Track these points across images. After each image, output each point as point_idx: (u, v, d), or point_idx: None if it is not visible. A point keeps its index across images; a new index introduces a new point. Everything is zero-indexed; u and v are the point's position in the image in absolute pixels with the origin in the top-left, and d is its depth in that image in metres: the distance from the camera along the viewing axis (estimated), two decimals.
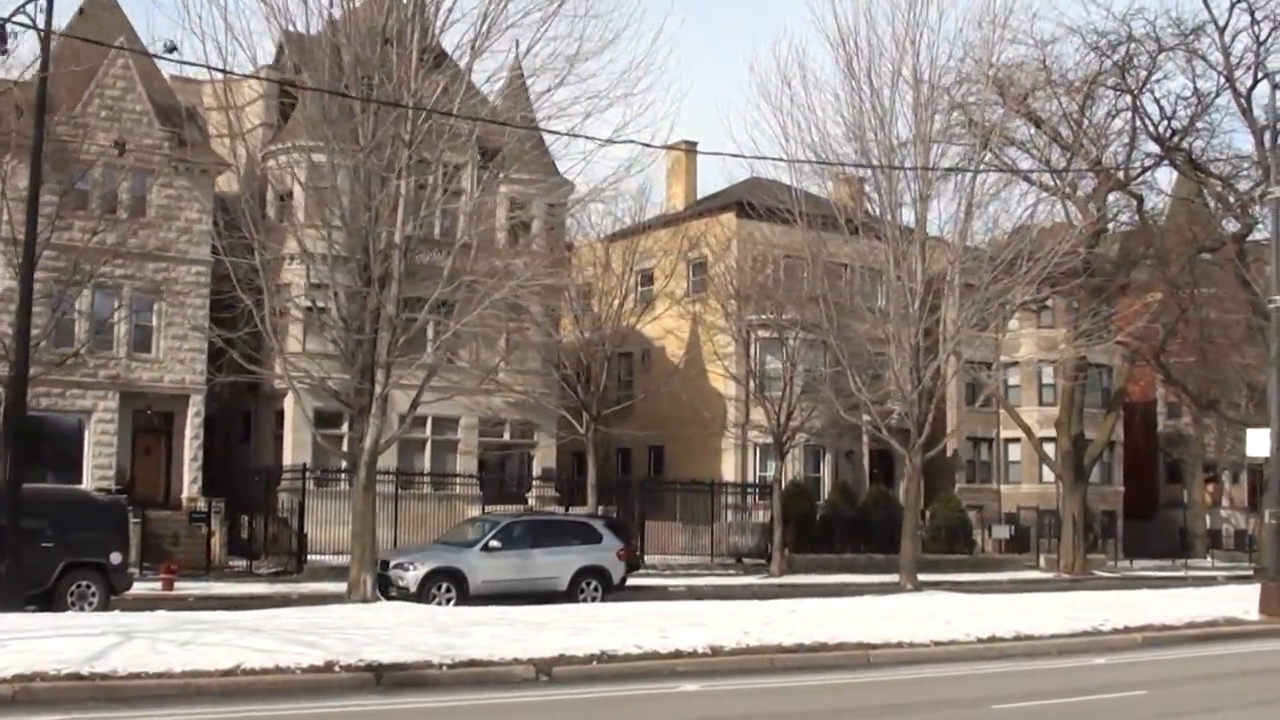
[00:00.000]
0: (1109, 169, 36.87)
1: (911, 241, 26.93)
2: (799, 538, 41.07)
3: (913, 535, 29.43)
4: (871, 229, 29.02)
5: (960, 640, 18.52)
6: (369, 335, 22.64)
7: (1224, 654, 19.02)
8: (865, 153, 26.82)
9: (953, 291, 26.98)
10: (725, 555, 40.85)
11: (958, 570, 41.94)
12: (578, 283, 39.34)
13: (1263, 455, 24.30)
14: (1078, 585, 37.35)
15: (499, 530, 25.12)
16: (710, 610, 20.88)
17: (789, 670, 16.27)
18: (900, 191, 27.09)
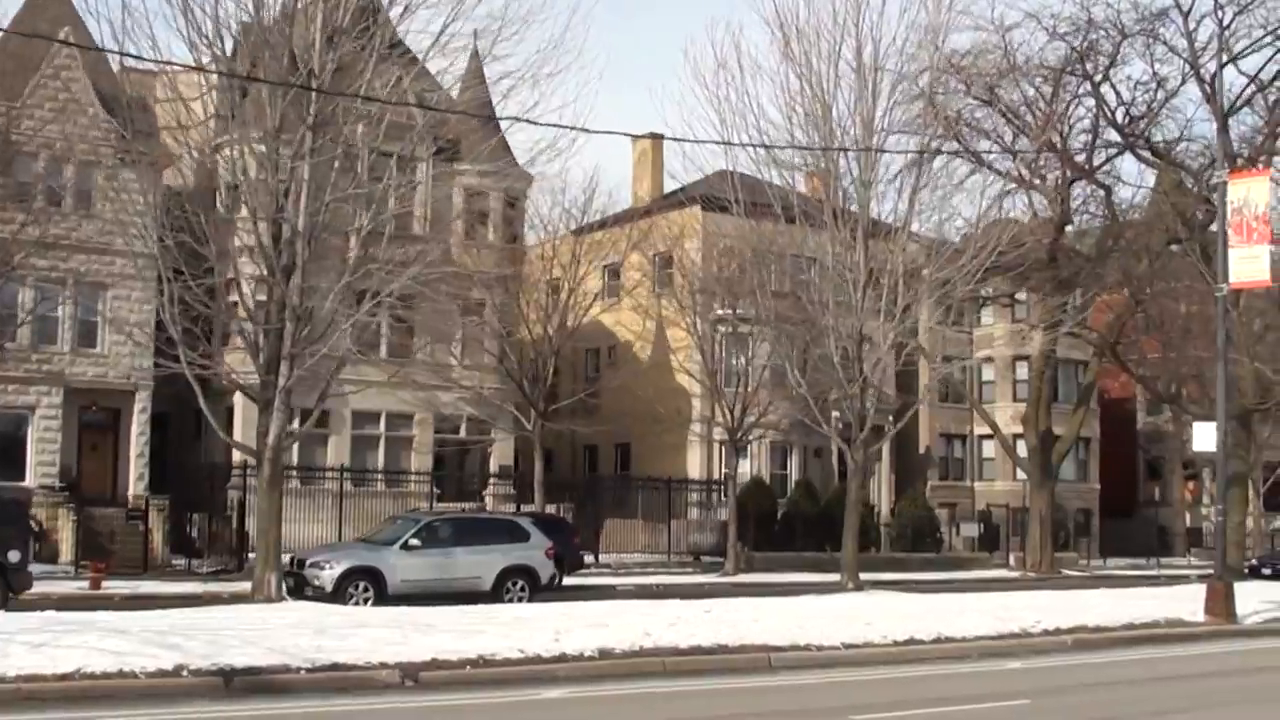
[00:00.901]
0: (1064, 152, 35.85)
1: (854, 229, 26.05)
2: (760, 535, 40.22)
3: (854, 533, 28.51)
4: (821, 220, 28.15)
5: (875, 642, 17.66)
6: (275, 326, 21.76)
7: (1151, 657, 18.15)
8: (809, 138, 25.92)
9: (895, 281, 26.06)
10: (685, 553, 40.00)
11: (924, 569, 41.07)
12: (531, 278, 38.36)
13: (1209, 450, 23.41)
14: (1043, 584, 36.43)
15: (420, 528, 24.26)
16: (622, 611, 20.02)
17: (680, 674, 15.42)
18: (843, 177, 26.20)
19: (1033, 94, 35.42)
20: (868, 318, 26.03)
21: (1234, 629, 21.52)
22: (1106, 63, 34.35)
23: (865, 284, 25.97)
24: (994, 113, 36.80)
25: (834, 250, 26.69)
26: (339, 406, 39.98)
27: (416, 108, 24.87)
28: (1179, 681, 15.92)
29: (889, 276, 25.85)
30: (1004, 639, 18.70)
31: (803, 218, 27.43)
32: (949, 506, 49.51)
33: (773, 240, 30.14)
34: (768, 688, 14.76)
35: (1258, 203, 22.00)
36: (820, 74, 25.57)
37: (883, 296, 25.88)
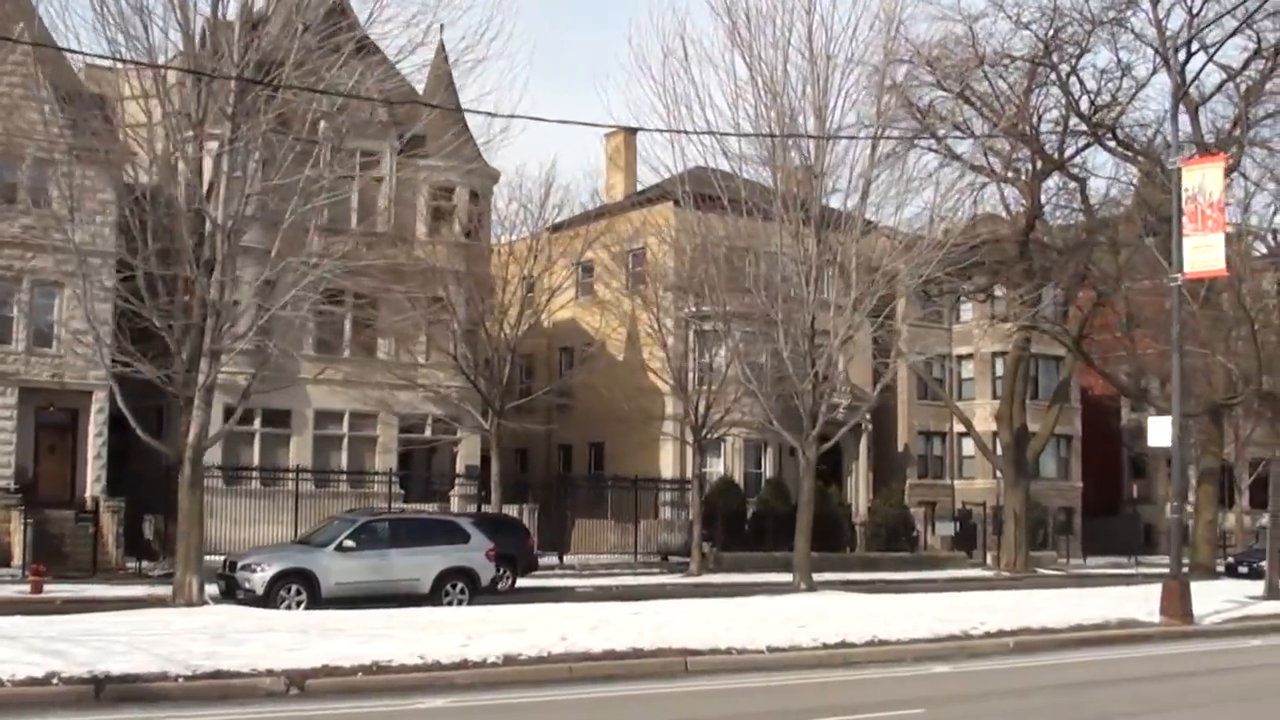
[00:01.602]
0: (1034, 142, 35.07)
1: (807, 222, 25.33)
2: (729, 536, 39.55)
3: (806, 533, 27.78)
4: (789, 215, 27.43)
5: (803, 645, 16.95)
6: (195, 322, 21.10)
7: (1092, 660, 17.44)
8: (756, 128, 25.21)
9: (849, 273, 25.34)
10: (654, 554, 39.31)
11: (898, 569, 40.37)
12: (491, 276, 37.63)
13: (1164, 444, 22.71)
14: (1016, 584, 35.75)
15: (355, 529, 23.57)
16: (546, 614, 19.36)
17: (588, 680, 14.76)
18: (797, 169, 25.44)
19: (1002, 86, 34.72)
20: (818, 311, 25.31)
21: (1188, 630, 20.80)
22: (1075, 52, 33.64)
23: (815, 276, 25.24)
24: (963, 105, 36.06)
25: (781, 242, 25.96)
26: (301, 407, 39.39)
27: (339, 95, 23.95)
28: (1114, 685, 15.22)
29: (838, 268, 25.10)
30: (942, 641, 17.99)
31: (760, 211, 26.64)
32: (928, 505, 48.76)
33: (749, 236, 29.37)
34: (663, 694, 14.13)
35: (1212, 190, 21.28)
36: (769, 62, 24.93)
37: (832, 289, 25.09)
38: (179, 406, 21.75)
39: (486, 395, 34.90)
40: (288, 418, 39.05)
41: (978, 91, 35.91)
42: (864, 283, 25.97)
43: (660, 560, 38.29)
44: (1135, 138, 34.81)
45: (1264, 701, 13.81)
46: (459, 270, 38.10)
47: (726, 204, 26.49)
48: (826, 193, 34.17)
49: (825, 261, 25.30)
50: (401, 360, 39.76)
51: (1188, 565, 38.52)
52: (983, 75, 34.69)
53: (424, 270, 38.14)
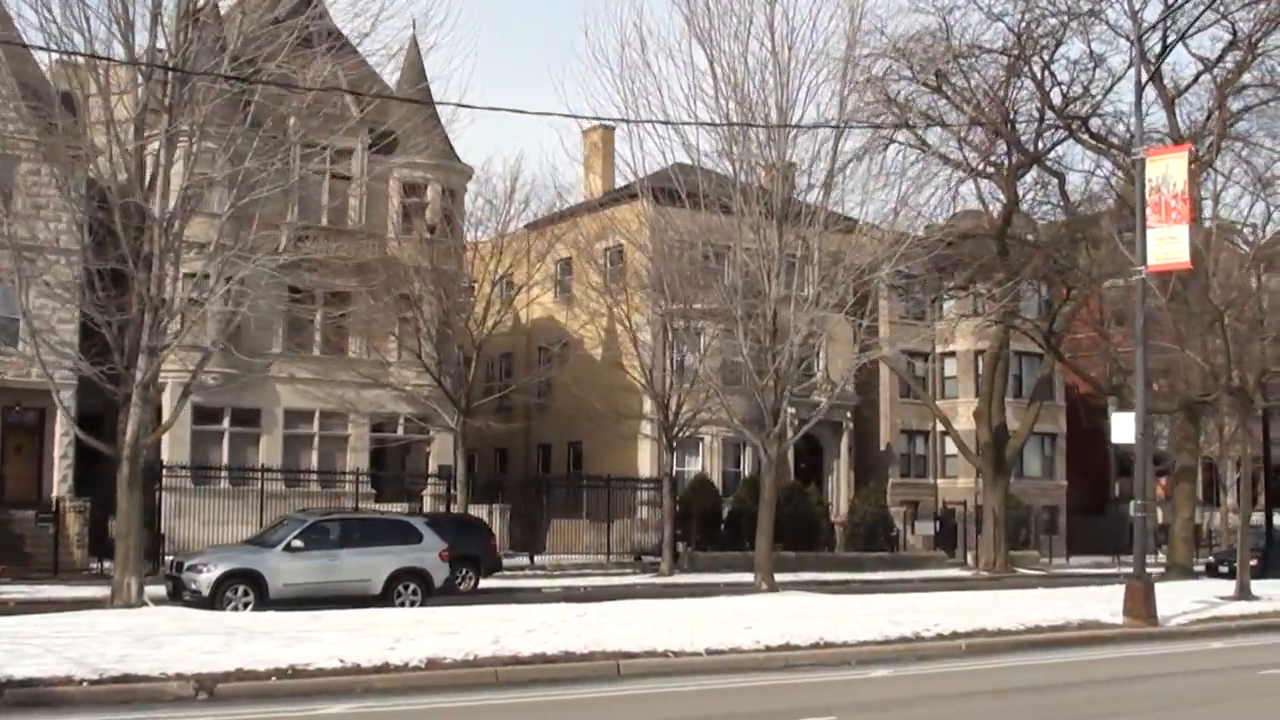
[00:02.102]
0: (1009, 134, 34.53)
1: (769, 215, 24.83)
2: (705, 535, 39.09)
3: (767, 533, 27.26)
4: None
5: (744, 648, 16.48)
6: (134, 318, 20.62)
7: (1044, 663, 16.97)
8: (714, 119, 24.72)
9: (811, 267, 24.82)
10: (629, 553, 38.82)
11: (876, 569, 39.85)
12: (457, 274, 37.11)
13: (1128, 441, 22.23)
14: (994, 584, 35.27)
15: (305, 529, 23.09)
16: (485, 616, 18.89)
17: (512, 685, 14.30)
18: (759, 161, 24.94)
19: (978, 80, 34.20)
20: (780, 307, 24.81)
21: (1151, 631, 20.30)
22: (1049, 44, 33.10)
23: (777, 272, 24.75)
24: (939, 99, 35.57)
25: (740, 236, 25.47)
26: (270, 405, 38.95)
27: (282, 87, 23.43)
28: (1053, 690, 14.73)
29: (800, 263, 24.59)
30: (891, 644, 17.50)
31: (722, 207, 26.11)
32: (911, 504, 48.26)
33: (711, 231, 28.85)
34: (584, 699, 13.70)
35: (1176, 180, 20.78)
36: (729, 54, 24.44)
37: (796, 285, 24.57)
38: (137, 405, 21.22)
39: (452, 394, 34.38)
40: (257, 416, 38.61)
41: (956, 85, 35.39)
42: (827, 278, 25.46)
43: (634, 560, 37.80)
44: (1113, 130, 34.33)
45: (1199, 709, 13.28)
46: (425, 267, 37.58)
47: (685, 199, 25.96)
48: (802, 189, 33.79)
49: (787, 256, 24.75)
50: (372, 359, 39.32)
51: (1165, 565, 38.25)
52: (957, 68, 34.17)
53: (394, 267, 37.67)
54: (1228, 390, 26.20)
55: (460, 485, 34.70)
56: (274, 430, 38.66)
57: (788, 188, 25.00)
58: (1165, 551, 42.79)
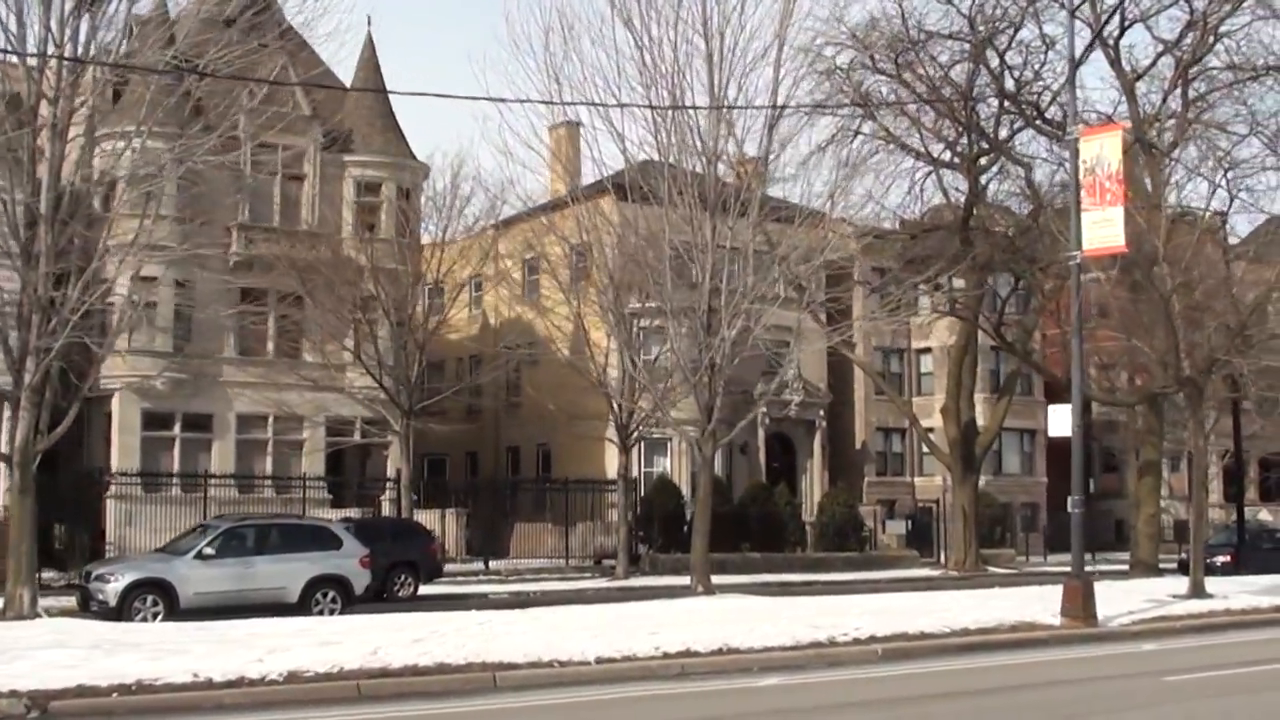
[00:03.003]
0: (968, 122, 33.54)
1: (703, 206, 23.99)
2: (667, 537, 38.22)
3: (704, 534, 26.34)
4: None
5: (640, 656, 15.62)
6: (26, 316, 19.85)
7: (956, 668, 16.06)
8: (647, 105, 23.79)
9: (745, 259, 23.93)
10: (590, 556, 37.99)
11: (844, 569, 38.97)
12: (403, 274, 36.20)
13: (1065, 434, 21.33)
14: (963, 583, 34.31)
15: (217, 536, 22.32)
16: (385, 625, 18.04)
17: (374, 700, 13.49)
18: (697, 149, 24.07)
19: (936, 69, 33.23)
20: (715, 300, 23.93)
21: (1087, 632, 19.38)
22: (1006, 28, 32.09)
23: (712, 264, 23.89)
24: (900, 87, 34.68)
25: (668, 227, 24.63)
26: (222, 410, 38.21)
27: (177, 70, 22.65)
28: (948, 699, 13.85)
29: (729, 252, 23.72)
30: (800, 649, 16.62)
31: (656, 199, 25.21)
32: (888, 503, 47.38)
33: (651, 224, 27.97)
34: (441, 714, 12.87)
35: (1111, 161, 19.88)
36: (657, 39, 23.59)
37: (727, 274, 23.69)
38: (26, 409, 20.42)
39: (394, 397, 33.57)
40: (209, 422, 37.88)
41: (918, 73, 34.47)
42: (761, 269, 24.58)
43: (595, 564, 36.97)
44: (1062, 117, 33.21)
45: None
46: (380, 268, 36.74)
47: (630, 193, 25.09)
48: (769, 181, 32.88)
49: (726, 248, 23.88)
50: (327, 361, 38.48)
51: (1129, 562, 37.26)
52: (915, 56, 33.26)
53: (347, 268, 36.85)
54: (1177, 380, 25.26)
55: (405, 489, 33.82)
56: (226, 435, 37.93)
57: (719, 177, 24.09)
58: (1174, 548, 41.90)
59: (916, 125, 34.12)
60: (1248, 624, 21.21)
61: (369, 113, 41.16)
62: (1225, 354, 23.59)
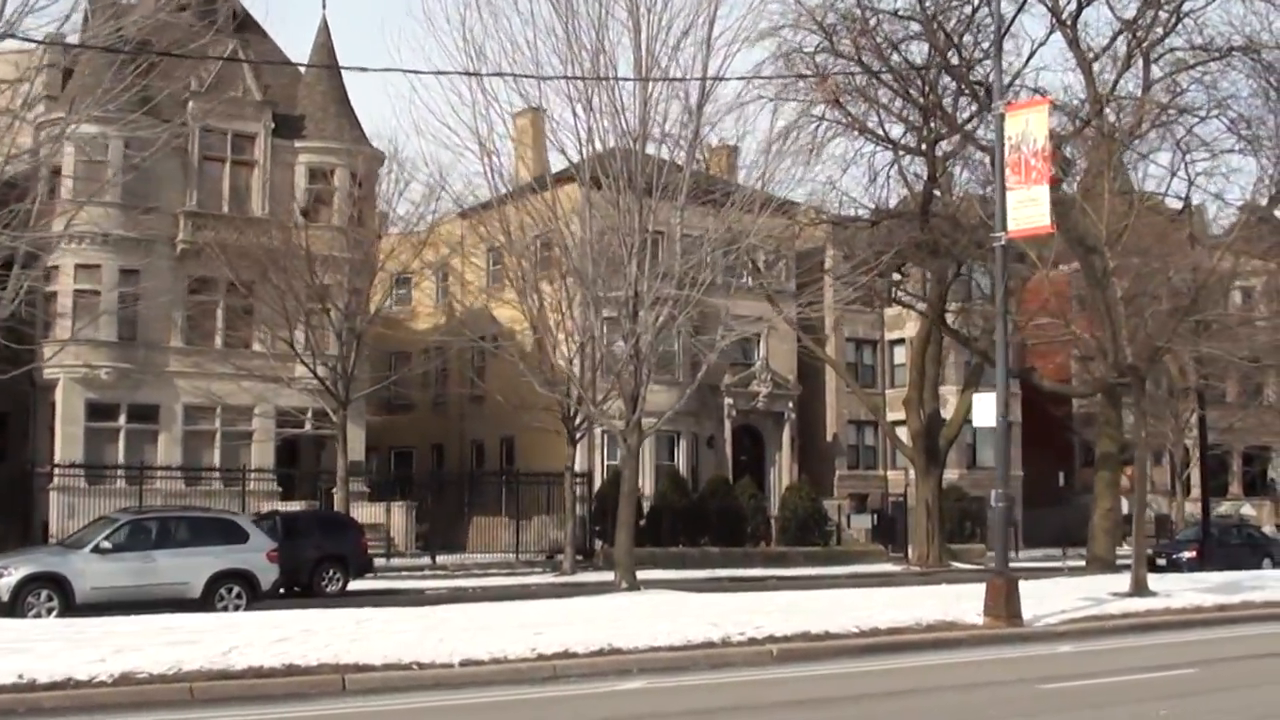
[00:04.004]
0: (928, 104, 32.48)
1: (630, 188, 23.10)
2: None
3: (628, 528, 25.50)
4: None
5: (511, 658, 14.77)
6: None
7: (844, 672, 15.21)
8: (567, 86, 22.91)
9: (671, 242, 23.01)
10: (543, 551, 37.15)
11: (806, 564, 38.09)
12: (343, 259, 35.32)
13: (989, 424, 20.44)
14: (924, 579, 33.43)
15: (116, 529, 21.55)
16: (243, 623, 17.20)
17: (207, 702, 12.79)
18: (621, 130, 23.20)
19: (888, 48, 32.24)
20: (641, 286, 23.04)
21: (1007, 633, 18.46)
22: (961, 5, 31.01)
23: (638, 248, 23.02)
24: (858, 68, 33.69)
25: (589, 212, 23.79)
26: (169, 401, 37.44)
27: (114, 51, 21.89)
28: (814, 707, 13.00)
29: (649, 237, 22.83)
30: (688, 650, 15.77)
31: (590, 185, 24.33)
32: (859, 497, 46.46)
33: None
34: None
35: (1037, 137, 18.95)
36: (583, 15, 22.72)
37: (650, 260, 22.78)
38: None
39: (330, 387, 32.74)
40: (155, 413, 37.10)
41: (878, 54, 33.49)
42: (689, 254, 23.67)
43: (547, 558, 36.13)
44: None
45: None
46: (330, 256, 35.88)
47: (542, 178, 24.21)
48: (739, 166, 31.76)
49: (645, 232, 22.99)
50: (278, 351, 37.63)
51: (1086, 558, 36.31)
52: (868, 39, 32.28)
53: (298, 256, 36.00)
54: (1117, 369, 24.33)
55: (342, 481, 32.99)
56: (173, 427, 37.17)
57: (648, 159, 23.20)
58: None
59: (872, 104, 33.14)
60: (1184, 624, 20.28)
61: (322, 98, 40.34)
62: (1166, 341, 22.66)
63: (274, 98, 39.47)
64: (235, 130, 38.48)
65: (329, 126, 39.71)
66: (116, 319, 36.48)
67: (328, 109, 40.10)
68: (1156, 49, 31.76)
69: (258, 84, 38.90)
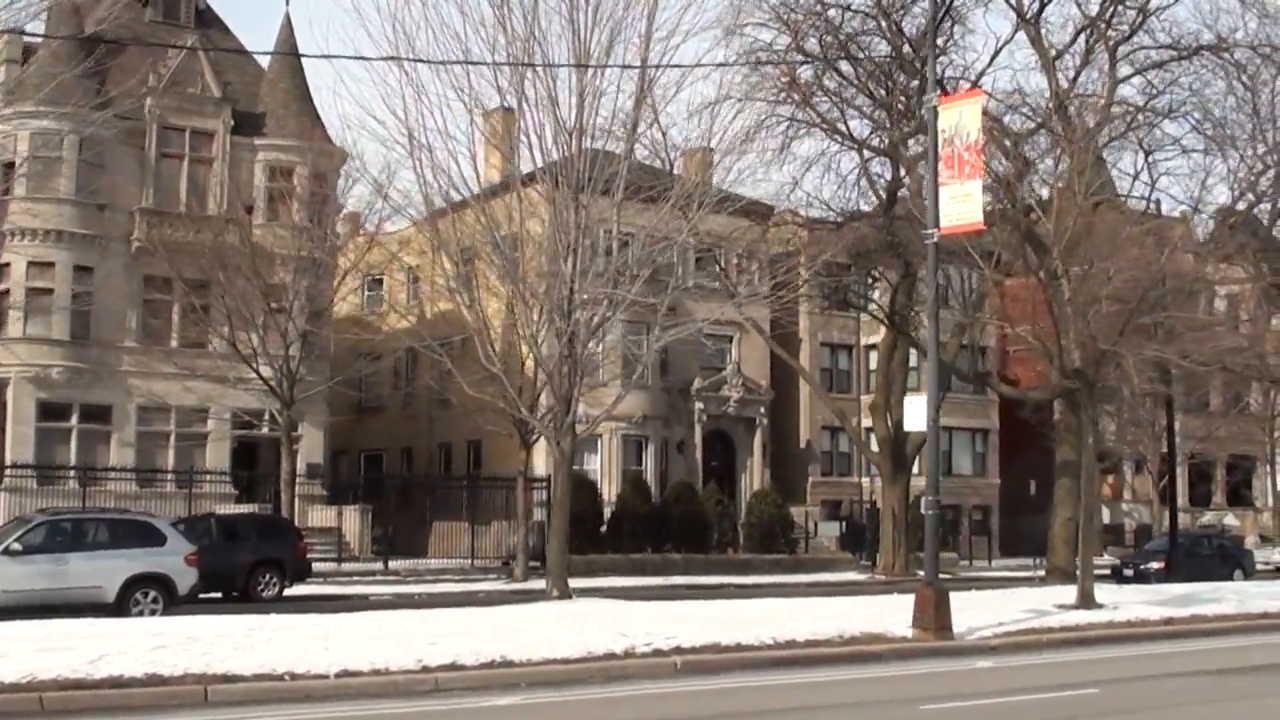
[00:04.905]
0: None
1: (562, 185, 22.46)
2: (584, 538, 36.56)
3: (562, 535, 24.75)
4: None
5: (393, 669, 14.06)
6: None
7: (740, 686, 14.51)
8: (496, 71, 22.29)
9: (597, 239, 22.29)
10: (501, 557, 36.50)
11: (773, 571, 37.45)
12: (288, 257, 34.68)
13: (919, 429, 19.78)
14: (889, 588, 32.56)
15: (29, 531, 20.93)
16: (108, 632, 16.34)
17: (63, 713, 12.28)
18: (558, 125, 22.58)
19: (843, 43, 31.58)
20: (580, 284, 22.38)
21: (934, 646, 17.73)
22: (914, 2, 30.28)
23: (573, 247, 22.37)
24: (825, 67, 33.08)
25: (519, 211, 23.18)
26: (122, 401, 36.88)
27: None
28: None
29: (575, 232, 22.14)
30: (587, 662, 15.09)
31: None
32: (832, 504, 45.78)
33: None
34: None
35: (969, 130, 18.27)
36: (515, 4, 22.10)
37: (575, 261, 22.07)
38: None
39: (275, 387, 32.11)
40: (108, 413, 36.54)
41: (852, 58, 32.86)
42: (624, 253, 23.02)
43: (502, 565, 35.47)
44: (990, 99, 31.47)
45: None
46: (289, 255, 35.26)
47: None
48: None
49: (579, 229, 22.33)
50: (239, 351, 37.02)
51: (1046, 569, 35.55)
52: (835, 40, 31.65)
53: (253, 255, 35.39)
54: (1062, 372, 23.63)
55: (285, 484, 32.38)
56: (126, 428, 36.61)
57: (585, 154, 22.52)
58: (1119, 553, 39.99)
59: (838, 103, 32.47)
60: (1123, 639, 19.53)
61: (284, 95, 39.82)
62: (1112, 344, 21.93)
63: (235, 95, 38.97)
64: (193, 127, 37.96)
65: (290, 124, 39.17)
66: (69, 317, 36.00)
67: (289, 106, 39.57)
68: (1123, 47, 31.09)
69: (217, 81, 38.37)
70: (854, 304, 36.96)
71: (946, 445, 47.10)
